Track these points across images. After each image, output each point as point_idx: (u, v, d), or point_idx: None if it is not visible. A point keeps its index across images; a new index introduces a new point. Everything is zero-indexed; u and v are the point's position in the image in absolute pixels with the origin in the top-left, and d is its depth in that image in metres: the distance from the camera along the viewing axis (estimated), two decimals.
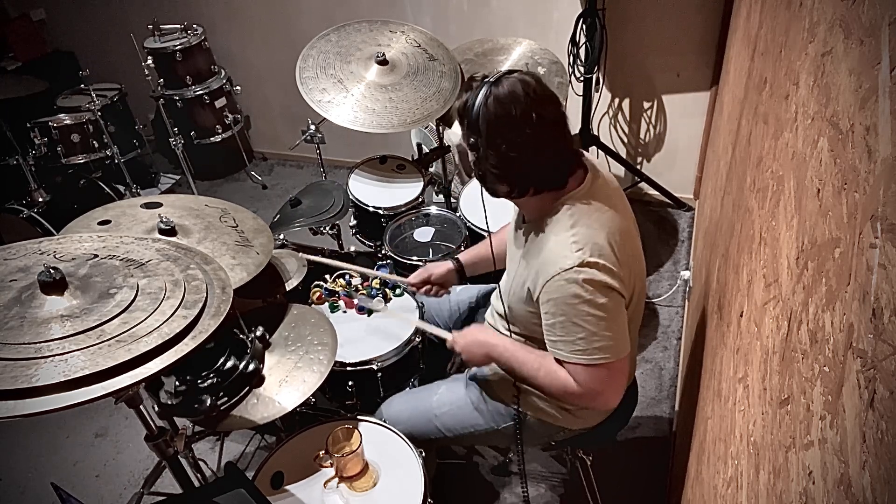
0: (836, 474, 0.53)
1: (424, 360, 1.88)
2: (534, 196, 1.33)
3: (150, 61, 3.19)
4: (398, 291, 1.95)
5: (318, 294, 1.93)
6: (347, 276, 1.97)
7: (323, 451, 1.46)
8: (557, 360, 1.34)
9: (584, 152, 1.41)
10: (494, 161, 1.28)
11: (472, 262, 1.81)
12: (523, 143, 1.26)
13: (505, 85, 1.25)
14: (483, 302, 1.88)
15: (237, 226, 1.69)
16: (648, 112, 3.14)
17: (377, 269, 1.97)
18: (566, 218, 1.30)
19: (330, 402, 1.89)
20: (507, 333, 1.53)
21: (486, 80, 1.28)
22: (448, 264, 1.80)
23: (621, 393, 1.36)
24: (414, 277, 1.82)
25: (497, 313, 1.60)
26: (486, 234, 2.11)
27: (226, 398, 1.48)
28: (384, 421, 1.60)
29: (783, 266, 0.85)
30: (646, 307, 2.71)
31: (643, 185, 3.24)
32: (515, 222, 1.52)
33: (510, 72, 1.29)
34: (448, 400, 1.64)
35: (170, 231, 1.56)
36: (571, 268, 1.23)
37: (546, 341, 1.34)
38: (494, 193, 1.39)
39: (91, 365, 0.96)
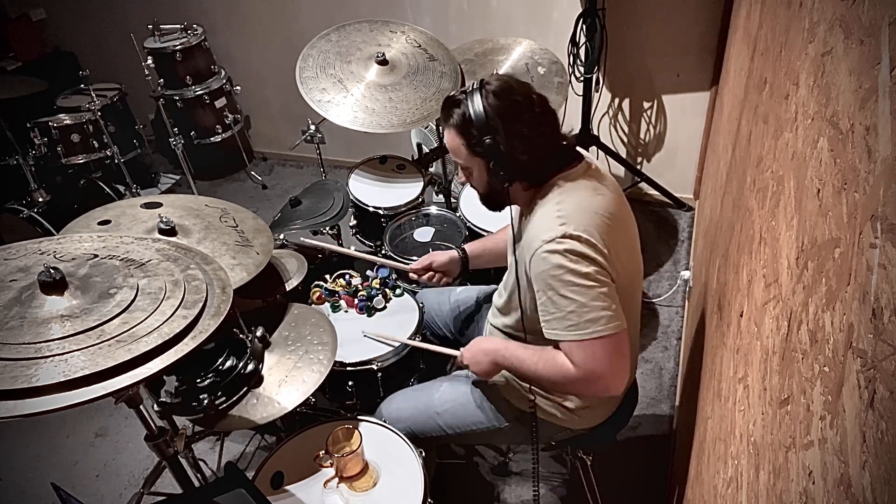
0: (836, 474, 0.53)
1: (424, 360, 1.88)
2: (547, 182, 1.36)
3: (150, 61, 3.19)
4: (398, 292, 1.95)
5: (318, 294, 1.93)
6: (347, 276, 1.97)
7: (323, 451, 1.46)
8: (555, 346, 1.33)
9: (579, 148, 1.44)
10: (522, 147, 1.30)
11: (478, 253, 1.82)
12: (538, 123, 1.32)
13: (493, 83, 1.32)
14: (484, 301, 1.88)
15: (237, 226, 1.69)
16: (648, 112, 3.14)
17: (377, 270, 1.97)
18: (554, 195, 1.33)
19: (330, 402, 1.89)
20: (510, 332, 1.54)
21: (468, 90, 1.33)
22: (452, 253, 1.81)
23: (624, 376, 1.31)
24: (417, 264, 1.83)
25: (498, 310, 1.60)
26: (485, 233, 2.11)
27: (224, 398, 1.48)
28: (383, 420, 1.60)
29: (783, 266, 0.85)
30: (646, 307, 2.74)
31: (643, 185, 3.24)
32: (518, 220, 1.52)
33: (482, 80, 1.34)
34: (450, 397, 1.63)
35: (170, 231, 1.56)
36: (553, 239, 1.24)
37: (542, 325, 1.32)
38: (500, 203, 1.42)
39: (91, 365, 0.96)
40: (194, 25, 3.57)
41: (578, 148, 1.44)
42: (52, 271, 1.07)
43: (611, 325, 1.24)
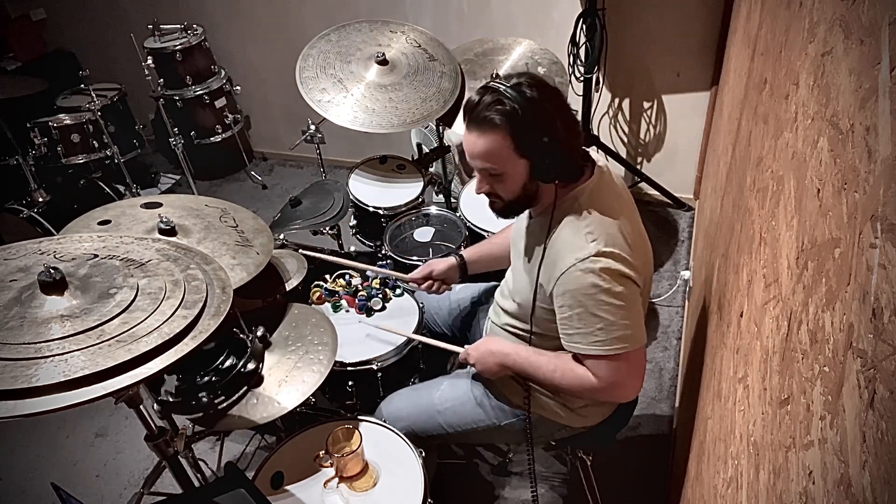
0: (836, 474, 0.53)
1: (424, 359, 1.88)
2: (564, 182, 1.34)
3: (150, 61, 3.19)
4: (398, 292, 1.95)
5: (318, 294, 1.93)
6: (347, 276, 1.97)
7: (323, 451, 1.46)
8: (575, 358, 1.33)
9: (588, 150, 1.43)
10: (572, 140, 1.28)
11: (476, 259, 1.81)
12: (569, 111, 1.30)
13: (524, 78, 1.26)
14: (484, 300, 1.88)
15: (237, 226, 1.69)
16: (648, 112, 3.14)
17: None
18: (579, 209, 1.31)
19: (330, 402, 1.89)
20: (516, 332, 1.53)
21: (499, 88, 1.24)
22: (450, 260, 1.80)
23: (641, 383, 1.35)
24: (416, 273, 1.82)
25: (503, 310, 1.60)
26: (485, 233, 2.11)
27: (224, 397, 1.48)
28: (383, 419, 1.60)
29: (783, 266, 0.85)
30: None
31: (643, 185, 3.24)
32: (527, 221, 1.51)
33: (510, 77, 1.30)
34: (451, 396, 1.63)
35: (170, 231, 1.55)
36: (587, 258, 1.23)
37: (561, 336, 1.33)
38: (523, 207, 1.40)
39: (91, 365, 0.96)
40: (194, 25, 3.57)
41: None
42: (52, 271, 1.07)
43: (636, 341, 1.26)
